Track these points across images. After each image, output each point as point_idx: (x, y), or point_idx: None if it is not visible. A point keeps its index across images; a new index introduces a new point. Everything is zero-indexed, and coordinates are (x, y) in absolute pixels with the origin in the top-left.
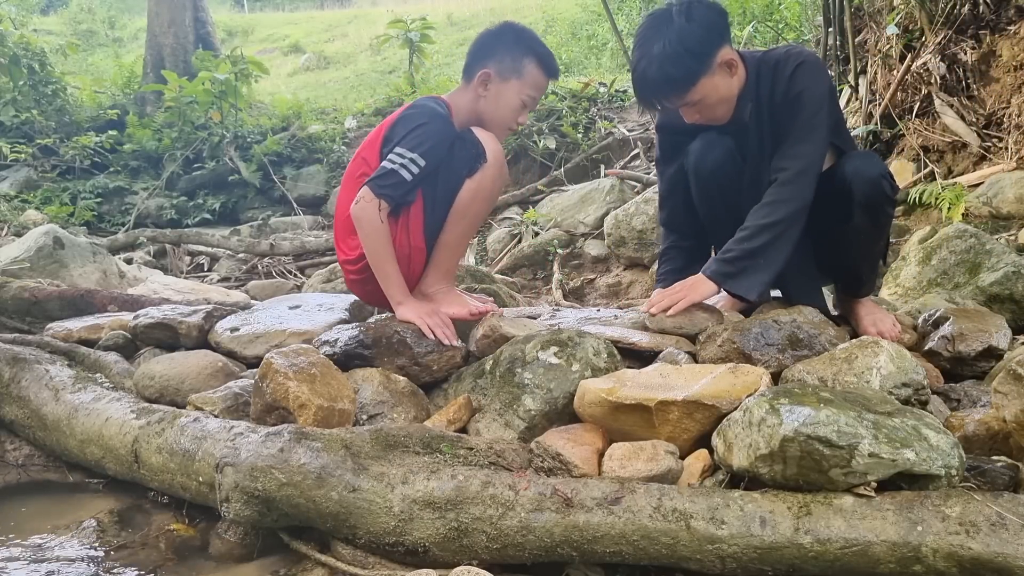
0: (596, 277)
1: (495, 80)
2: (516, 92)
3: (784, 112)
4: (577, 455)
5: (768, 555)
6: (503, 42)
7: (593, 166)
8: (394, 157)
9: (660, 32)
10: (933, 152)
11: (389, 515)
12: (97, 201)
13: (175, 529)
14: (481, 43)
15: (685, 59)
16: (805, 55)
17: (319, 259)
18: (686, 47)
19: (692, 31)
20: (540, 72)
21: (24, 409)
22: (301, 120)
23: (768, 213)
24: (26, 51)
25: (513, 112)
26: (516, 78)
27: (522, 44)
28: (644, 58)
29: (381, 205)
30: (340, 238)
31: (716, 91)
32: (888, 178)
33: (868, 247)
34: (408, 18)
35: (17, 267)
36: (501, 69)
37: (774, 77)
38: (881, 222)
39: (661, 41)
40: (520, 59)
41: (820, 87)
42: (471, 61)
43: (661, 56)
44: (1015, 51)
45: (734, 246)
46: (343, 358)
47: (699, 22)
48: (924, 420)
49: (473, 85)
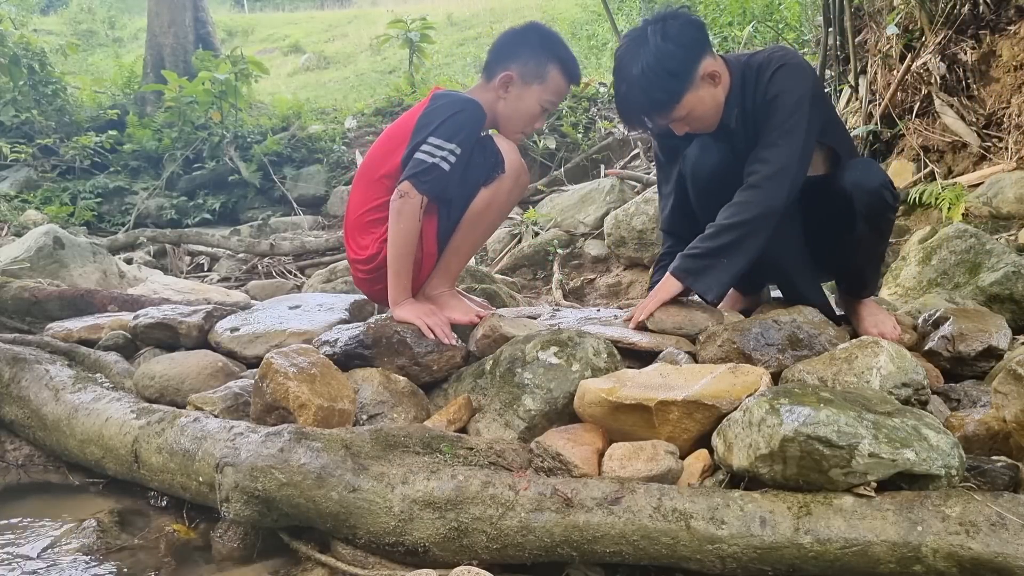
0: (596, 277)
1: (516, 83)
2: (536, 97)
3: (763, 115)
4: (577, 455)
5: (768, 555)
6: (528, 44)
7: (593, 166)
8: (431, 149)
9: (637, 54)
10: (933, 152)
11: (389, 515)
12: (97, 201)
13: (175, 529)
14: (505, 43)
15: (665, 80)
16: (788, 58)
17: (319, 259)
18: (665, 68)
19: (669, 51)
20: (563, 78)
21: (24, 409)
22: (301, 120)
23: (734, 213)
24: (26, 51)
25: (531, 117)
26: (538, 83)
27: (547, 49)
28: (624, 82)
29: (423, 201)
30: (351, 236)
31: (702, 103)
32: (889, 187)
33: (870, 252)
34: (408, 18)
35: (17, 267)
36: (524, 72)
37: (756, 81)
38: (883, 228)
39: (639, 63)
40: (544, 64)
41: (798, 90)
42: (493, 60)
43: (641, 79)
44: (1015, 51)
45: (699, 244)
46: (343, 358)
47: (675, 40)
48: (924, 420)
49: (494, 85)
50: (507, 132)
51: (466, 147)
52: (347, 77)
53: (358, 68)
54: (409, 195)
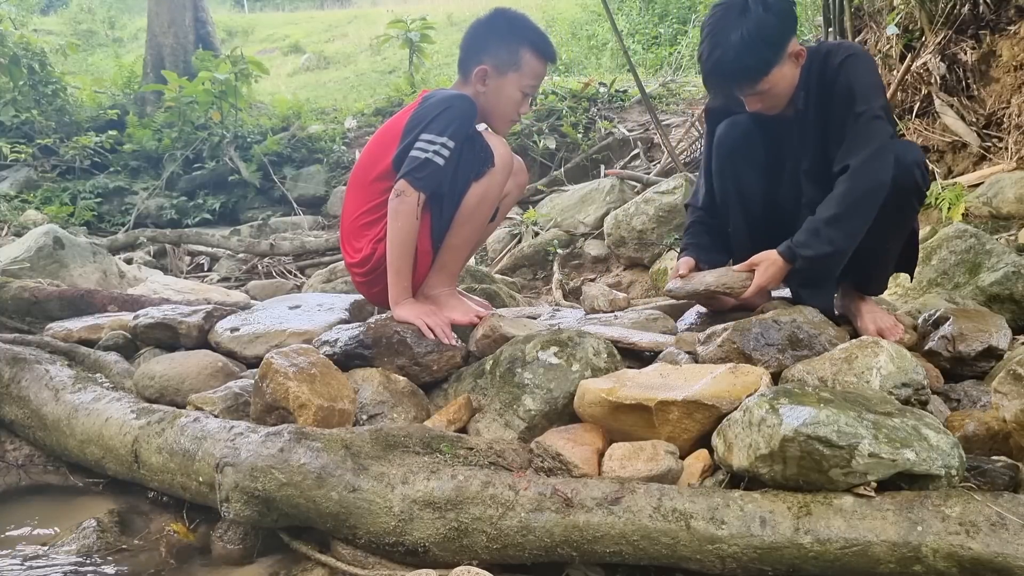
0: (596, 277)
1: (493, 75)
2: (515, 84)
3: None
4: (577, 455)
5: (768, 555)
6: (496, 34)
7: (593, 166)
8: (423, 145)
9: (737, 21)
10: (933, 152)
11: (389, 515)
12: (97, 201)
13: (175, 529)
14: (474, 36)
15: (762, 49)
16: (854, 48)
17: (319, 259)
18: (763, 37)
19: (770, 21)
20: (537, 60)
21: (24, 409)
22: (301, 120)
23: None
24: (26, 51)
25: (515, 104)
26: (514, 71)
27: (515, 33)
28: (719, 47)
29: (420, 198)
30: (347, 240)
31: (783, 80)
32: (922, 168)
33: (885, 238)
34: (408, 18)
35: (17, 267)
36: (498, 63)
37: (823, 68)
38: (905, 213)
39: (739, 30)
40: (516, 50)
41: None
42: (465, 56)
43: (739, 45)
44: (1015, 51)
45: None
46: (343, 358)
47: (775, 12)
48: (924, 420)
49: (471, 82)
50: (494, 124)
51: (458, 140)
52: (347, 77)
53: (358, 68)
54: (406, 193)
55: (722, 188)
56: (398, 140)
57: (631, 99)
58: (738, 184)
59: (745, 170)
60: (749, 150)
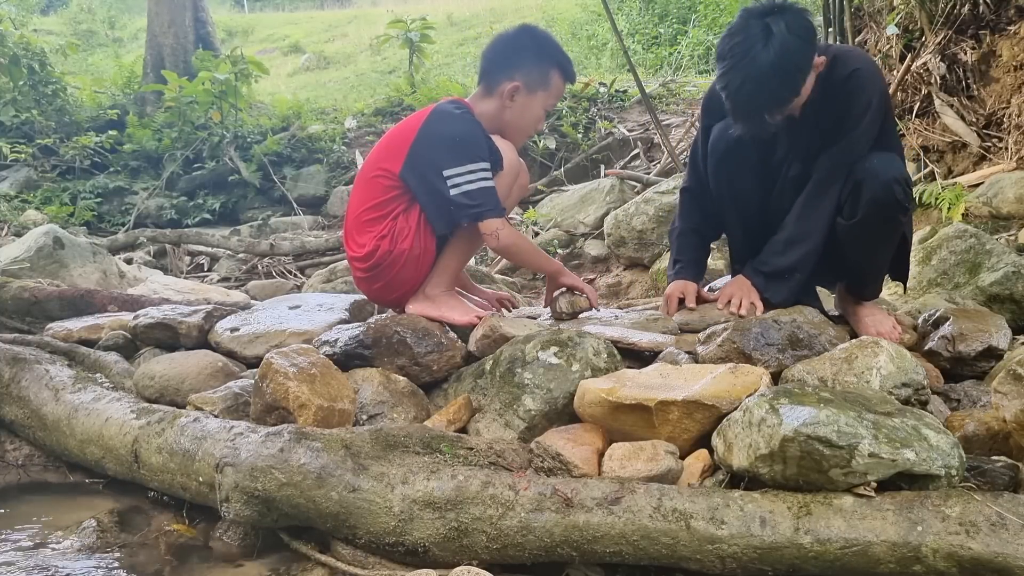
0: (596, 277)
1: (523, 92)
2: (542, 103)
3: (835, 108)
4: (577, 455)
5: (768, 555)
6: (528, 52)
7: (593, 166)
8: (458, 180)
9: (763, 49)
10: (933, 152)
11: (389, 515)
12: (97, 201)
13: (175, 529)
14: (503, 52)
15: (794, 75)
16: (863, 61)
17: (319, 259)
18: (794, 63)
19: (796, 45)
20: (563, 82)
21: (24, 409)
22: (301, 120)
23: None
24: (26, 51)
25: (537, 121)
26: (543, 90)
27: (545, 54)
28: (749, 80)
29: (503, 221)
30: (349, 236)
31: (806, 93)
32: (902, 184)
33: (872, 250)
34: (408, 18)
35: (17, 267)
36: (529, 82)
37: (829, 75)
38: (889, 227)
39: (767, 58)
40: (547, 71)
41: (879, 86)
42: (494, 69)
43: (770, 75)
44: (1015, 51)
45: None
46: (343, 358)
47: (799, 33)
48: (924, 420)
49: (499, 96)
50: (512, 137)
51: (485, 157)
52: (347, 77)
53: (358, 68)
54: (484, 228)
55: (717, 190)
56: (406, 146)
57: (631, 99)
58: (732, 187)
59: (739, 173)
60: (743, 153)
